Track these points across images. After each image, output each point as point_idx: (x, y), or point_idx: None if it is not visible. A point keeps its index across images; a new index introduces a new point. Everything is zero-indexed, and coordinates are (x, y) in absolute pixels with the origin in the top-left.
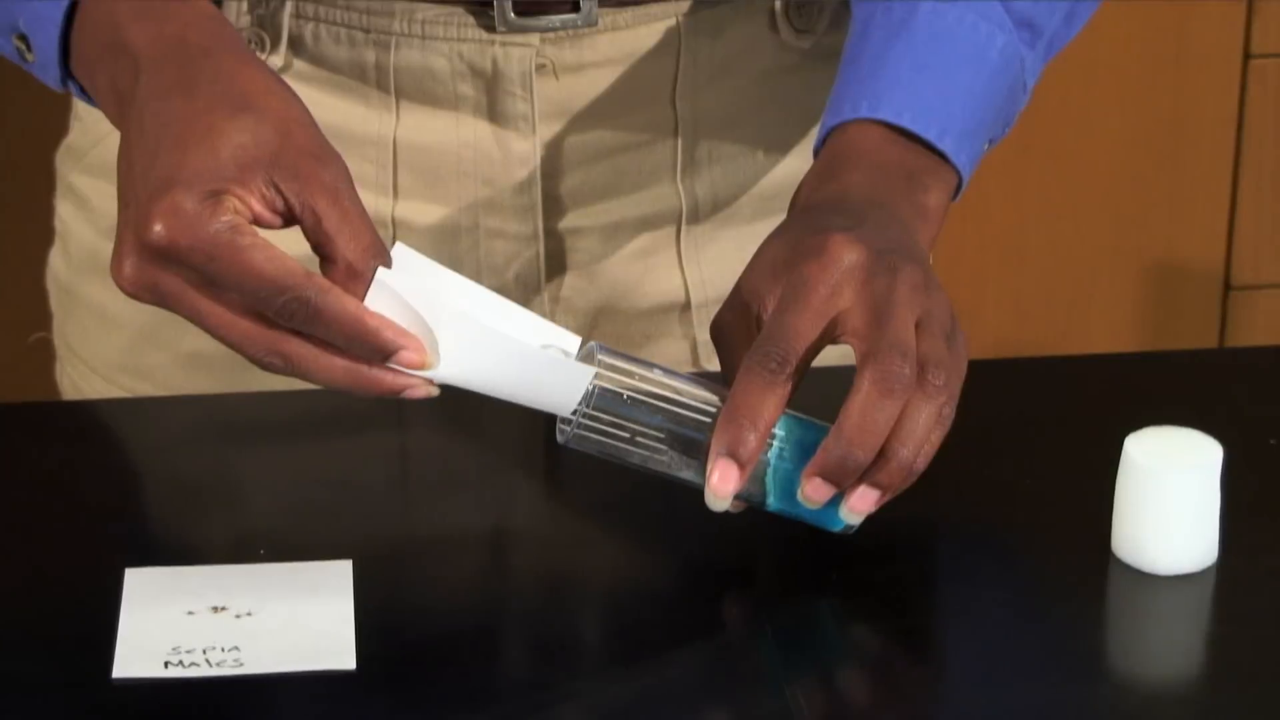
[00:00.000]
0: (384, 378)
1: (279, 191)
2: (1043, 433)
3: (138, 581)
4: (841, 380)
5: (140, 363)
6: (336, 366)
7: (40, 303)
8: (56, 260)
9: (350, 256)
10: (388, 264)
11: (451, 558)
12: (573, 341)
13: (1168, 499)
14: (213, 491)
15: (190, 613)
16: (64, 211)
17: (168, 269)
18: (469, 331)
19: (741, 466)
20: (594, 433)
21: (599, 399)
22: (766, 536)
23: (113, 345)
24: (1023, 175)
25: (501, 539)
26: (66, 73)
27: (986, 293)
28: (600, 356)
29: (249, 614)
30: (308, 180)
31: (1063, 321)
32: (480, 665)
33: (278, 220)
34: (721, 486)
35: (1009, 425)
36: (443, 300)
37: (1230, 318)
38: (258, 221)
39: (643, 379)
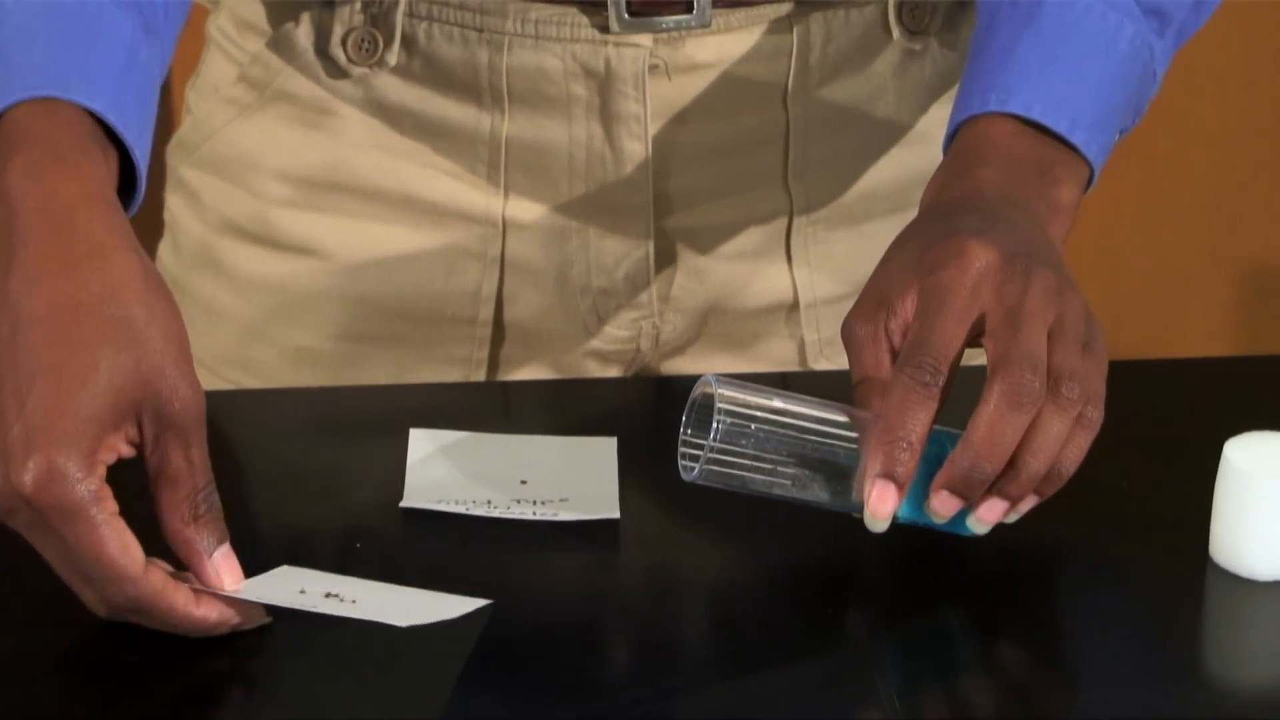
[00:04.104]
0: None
1: (140, 429)
2: (1141, 436)
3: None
4: (966, 380)
5: (247, 356)
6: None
7: None
8: (165, 253)
9: (178, 502)
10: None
11: (551, 553)
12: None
13: (1267, 504)
14: (309, 486)
15: None
16: (173, 205)
17: (26, 509)
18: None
19: (900, 486)
20: (722, 466)
21: (725, 434)
22: (866, 541)
23: (220, 339)
24: (1119, 177)
25: (602, 534)
26: None
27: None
28: (719, 389)
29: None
30: (168, 424)
31: (1159, 325)
32: (577, 661)
33: (133, 452)
34: (881, 507)
35: (1107, 428)
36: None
37: None
38: (120, 456)
39: (762, 408)
